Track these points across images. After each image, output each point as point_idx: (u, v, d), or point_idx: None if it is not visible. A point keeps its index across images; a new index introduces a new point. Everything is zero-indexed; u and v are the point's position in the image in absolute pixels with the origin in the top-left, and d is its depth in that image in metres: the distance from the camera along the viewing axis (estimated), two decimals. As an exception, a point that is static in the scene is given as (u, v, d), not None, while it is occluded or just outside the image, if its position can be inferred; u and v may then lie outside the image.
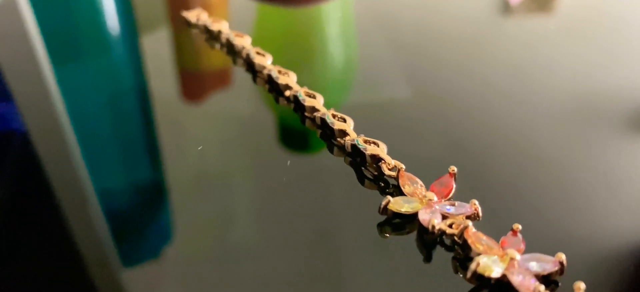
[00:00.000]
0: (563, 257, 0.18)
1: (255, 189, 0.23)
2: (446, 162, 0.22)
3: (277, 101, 0.28)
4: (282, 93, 0.28)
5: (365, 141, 0.23)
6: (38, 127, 0.28)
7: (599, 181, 0.23)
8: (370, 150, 0.23)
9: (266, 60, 0.30)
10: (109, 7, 0.38)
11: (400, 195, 0.21)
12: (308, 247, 0.20)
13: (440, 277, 0.19)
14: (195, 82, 0.33)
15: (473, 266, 0.17)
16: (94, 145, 0.27)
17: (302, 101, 0.26)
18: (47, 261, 0.20)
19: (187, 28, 0.36)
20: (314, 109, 0.26)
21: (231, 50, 0.32)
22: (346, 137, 0.24)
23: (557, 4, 0.39)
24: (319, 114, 0.25)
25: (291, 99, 0.27)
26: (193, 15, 0.35)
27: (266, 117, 0.28)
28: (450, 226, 0.19)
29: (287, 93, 0.28)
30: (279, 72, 0.29)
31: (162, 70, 0.32)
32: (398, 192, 0.22)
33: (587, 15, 0.37)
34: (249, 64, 0.31)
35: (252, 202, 0.23)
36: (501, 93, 0.29)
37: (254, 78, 0.30)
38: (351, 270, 0.19)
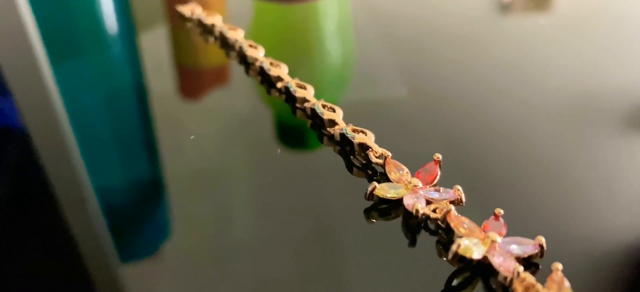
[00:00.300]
0: (543, 240, 0.18)
1: (252, 186, 0.24)
2: (443, 157, 0.22)
3: (269, 93, 0.29)
4: (274, 85, 0.28)
5: (353, 130, 0.24)
6: (36, 123, 0.28)
7: (593, 176, 0.23)
8: (358, 138, 0.23)
9: (258, 52, 0.30)
10: (107, 4, 0.39)
11: (387, 182, 0.22)
12: (304, 242, 0.20)
13: (425, 260, 0.19)
14: (192, 79, 0.33)
15: (454, 248, 0.18)
16: (92, 142, 0.27)
17: (293, 92, 0.27)
18: (45, 257, 0.20)
19: (184, 24, 0.36)
20: (305, 100, 0.26)
21: (225, 43, 0.33)
22: (335, 126, 0.24)
23: (554, 2, 0.39)
24: (309, 105, 0.26)
25: (282, 91, 0.28)
26: (187, 9, 0.36)
27: (263, 114, 0.29)
28: (434, 211, 0.20)
29: (279, 85, 0.28)
30: (271, 64, 0.29)
31: (160, 67, 0.33)
32: (385, 179, 0.22)
33: (584, 13, 0.37)
34: (242, 57, 0.31)
35: (249, 198, 0.23)
36: (497, 90, 0.29)
37: (247, 70, 0.30)
38: (345, 261, 0.20)
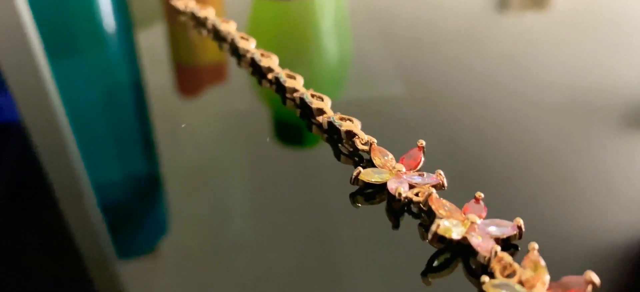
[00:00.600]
0: (521, 222, 0.19)
1: (250, 183, 0.24)
2: (440, 155, 0.22)
3: (260, 84, 0.29)
4: (265, 75, 0.29)
5: (340, 118, 0.24)
6: (34, 120, 0.28)
7: (590, 173, 0.23)
8: (345, 126, 0.24)
9: (250, 44, 0.30)
10: (105, 1, 0.39)
11: (372, 167, 0.22)
12: (297, 233, 0.21)
13: (408, 242, 0.19)
14: (190, 76, 0.33)
15: (433, 228, 0.18)
16: (90, 139, 0.27)
17: (283, 82, 0.27)
18: (43, 254, 0.21)
19: (181, 21, 0.36)
20: (294, 90, 0.27)
21: (217, 35, 0.33)
22: (323, 115, 0.25)
23: (552, 0, 0.39)
24: (298, 94, 0.26)
25: (273, 81, 0.28)
26: (181, 3, 0.36)
27: (261, 111, 0.29)
28: (416, 194, 0.20)
29: (270, 75, 0.28)
30: (262, 55, 0.29)
31: (158, 64, 0.33)
32: (371, 165, 0.22)
33: (581, 10, 0.38)
34: (234, 49, 0.31)
35: (247, 195, 0.23)
36: (495, 87, 0.29)
37: (239, 62, 0.31)
38: (332, 245, 0.20)
